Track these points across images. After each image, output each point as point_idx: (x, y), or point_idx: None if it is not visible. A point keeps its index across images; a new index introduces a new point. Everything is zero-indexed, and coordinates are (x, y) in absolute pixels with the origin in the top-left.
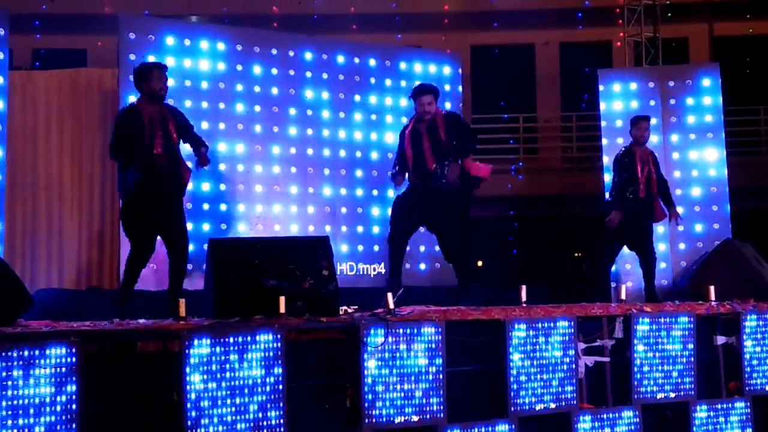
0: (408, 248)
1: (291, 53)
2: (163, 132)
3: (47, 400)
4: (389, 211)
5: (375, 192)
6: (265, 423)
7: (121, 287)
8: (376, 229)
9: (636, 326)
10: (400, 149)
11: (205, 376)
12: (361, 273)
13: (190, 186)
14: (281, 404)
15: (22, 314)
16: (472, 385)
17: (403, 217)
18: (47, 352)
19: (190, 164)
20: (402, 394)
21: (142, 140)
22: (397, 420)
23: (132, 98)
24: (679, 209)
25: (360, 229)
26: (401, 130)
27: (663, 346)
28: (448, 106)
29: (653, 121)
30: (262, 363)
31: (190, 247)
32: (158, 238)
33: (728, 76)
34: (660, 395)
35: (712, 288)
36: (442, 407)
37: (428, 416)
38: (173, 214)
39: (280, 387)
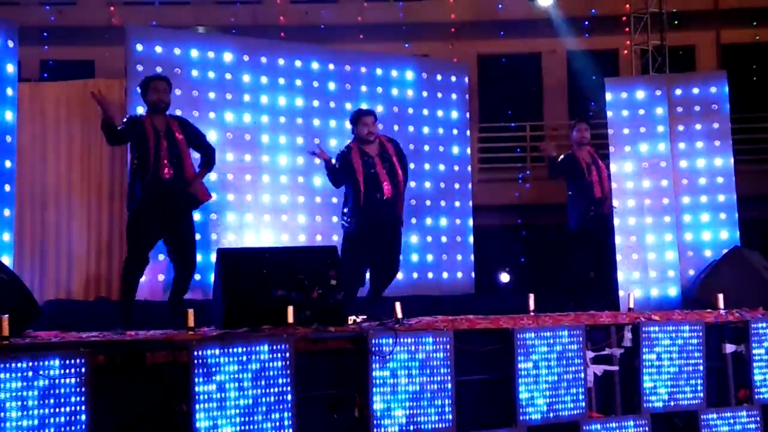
0: (417, 257)
1: (298, 63)
2: (169, 143)
3: (56, 411)
4: None
5: None
6: None
7: (123, 301)
8: None
9: (644, 335)
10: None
11: (214, 387)
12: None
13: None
14: (290, 414)
15: (31, 325)
16: (481, 395)
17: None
18: (56, 363)
19: (214, 195)
20: (411, 404)
21: (147, 152)
22: (406, 430)
23: (140, 109)
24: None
25: None
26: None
27: (672, 355)
28: (455, 115)
29: (660, 128)
30: (271, 373)
31: (198, 258)
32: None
33: (735, 84)
34: (669, 404)
35: (720, 296)
36: (450, 417)
37: (437, 426)
38: (179, 225)
39: (289, 397)
